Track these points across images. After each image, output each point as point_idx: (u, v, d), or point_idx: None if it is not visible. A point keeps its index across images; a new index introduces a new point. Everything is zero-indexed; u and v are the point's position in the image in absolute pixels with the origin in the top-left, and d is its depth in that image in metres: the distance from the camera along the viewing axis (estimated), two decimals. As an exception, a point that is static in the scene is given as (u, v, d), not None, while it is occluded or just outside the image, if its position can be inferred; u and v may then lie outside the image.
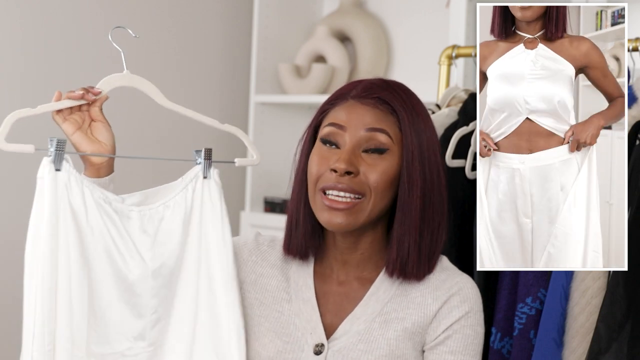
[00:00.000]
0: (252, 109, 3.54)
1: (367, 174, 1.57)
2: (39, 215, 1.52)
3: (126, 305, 1.58)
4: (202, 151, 1.65)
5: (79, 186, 1.54)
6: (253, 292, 1.68)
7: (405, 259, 1.60)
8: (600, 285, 1.78)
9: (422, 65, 3.31)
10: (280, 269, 1.69)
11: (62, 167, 1.53)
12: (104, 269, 1.57)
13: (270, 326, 1.65)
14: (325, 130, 1.61)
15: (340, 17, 3.55)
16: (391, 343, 1.60)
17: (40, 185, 1.52)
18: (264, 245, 1.72)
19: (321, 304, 1.65)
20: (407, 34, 3.51)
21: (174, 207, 1.62)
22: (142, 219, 1.60)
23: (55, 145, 1.52)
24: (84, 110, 1.63)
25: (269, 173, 3.54)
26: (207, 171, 1.65)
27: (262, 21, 3.53)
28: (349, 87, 1.64)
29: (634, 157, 1.76)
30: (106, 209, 1.57)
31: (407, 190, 1.58)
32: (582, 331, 1.78)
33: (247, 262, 1.70)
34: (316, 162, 1.60)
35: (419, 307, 1.61)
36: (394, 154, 1.59)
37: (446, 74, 2.42)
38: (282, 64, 3.52)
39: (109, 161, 1.63)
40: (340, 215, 1.57)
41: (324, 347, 1.61)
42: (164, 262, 1.61)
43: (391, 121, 1.59)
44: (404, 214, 1.59)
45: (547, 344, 1.81)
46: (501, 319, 1.92)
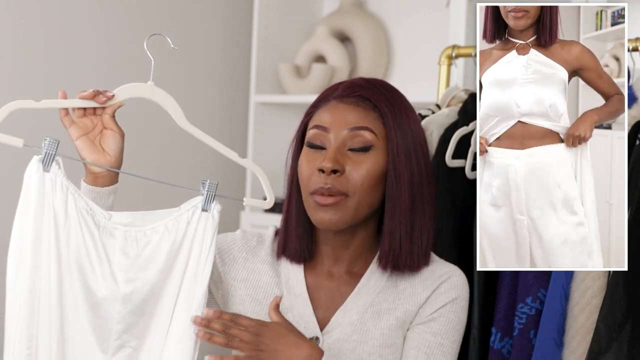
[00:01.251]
0: (252, 109, 3.54)
1: (353, 172, 1.59)
2: (24, 215, 1.48)
3: (89, 325, 1.52)
4: (207, 182, 1.58)
5: (64, 192, 1.50)
6: (245, 289, 1.69)
7: (397, 251, 1.62)
8: (600, 285, 1.78)
9: (422, 65, 3.30)
10: (270, 265, 1.70)
11: (50, 169, 1.49)
12: (72, 282, 1.51)
13: None
14: (310, 134, 1.63)
15: (340, 17, 3.55)
16: (384, 333, 1.63)
17: (27, 183, 1.48)
18: (252, 242, 1.73)
19: (313, 298, 1.67)
20: (407, 34, 3.51)
21: (162, 233, 1.55)
22: (126, 239, 1.53)
23: (47, 144, 1.49)
24: (98, 114, 1.59)
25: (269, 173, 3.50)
26: (208, 204, 1.57)
27: (262, 21, 3.53)
28: (332, 89, 1.66)
29: (634, 157, 1.76)
30: (87, 221, 1.52)
31: (394, 184, 1.60)
32: (582, 331, 1.78)
33: (238, 259, 1.70)
34: (305, 166, 1.62)
35: (409, 297, 1.65)
36: (379, 150, 1.60)
37: (446, 74, 2.42)
38: (282, 64, 3.52)
39: (110, 172, 1.59)
40: (329, 212, 1.58)
41: (319, 340, 1.63)
42: (138, 288, 1.53)
43: (374, 117, 1.61)
44: (394, 207, 1.61)
45: (547, 344, 1.81)
46: (501, 319, 1.92)
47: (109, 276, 1.53)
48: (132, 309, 1.54)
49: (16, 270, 1.48)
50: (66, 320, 1.51)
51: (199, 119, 3.44)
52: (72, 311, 1.51)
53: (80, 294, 1.51)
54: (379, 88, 1.63)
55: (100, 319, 1.53)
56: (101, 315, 1.53)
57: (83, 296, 1.52)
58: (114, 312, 1.53)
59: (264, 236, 1.74)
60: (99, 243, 1.52)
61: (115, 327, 1.53)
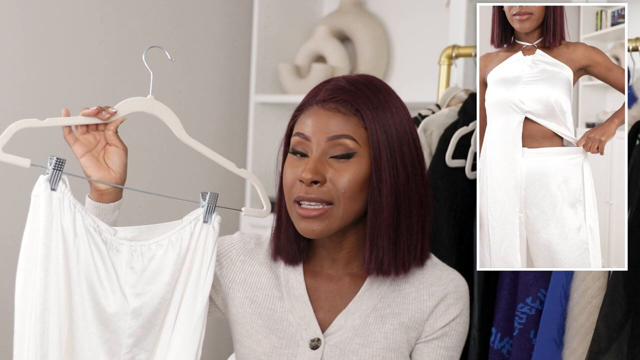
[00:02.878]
0: (252, 108, 3.54)
1: (335, 180, 1.57)
2: (33, 234, 1.48)
3: (99, 340, 1.53)
4: (207, 194, 1.61)
5: (72, 210, 1.50)
6: (243, 291, 1.68)
7: (380, 258, 1.61)
8: (600, 285, 1.78)
9: (422, 65, 3.31)
10: (269, 267, 1.69)
11: (57, 187, 1.49)
12: (82, 298, 1.52)
13: (263, 323, 1.65)
14: (293, 141, 1.62)
15: (340, 17, 3.55)
16: (388, 337, 1.62)
17: (35, 203, 1.48)
18: (250, 244, 1.72)
19: (313, 300, 1.66)
20: (407, 34, 3.50)
21: (167, 247, 1.57)
22: (131, 254, 1.55)
23: (53, 163, 1.49)
24: (100, 130, 1.59)
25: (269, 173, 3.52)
26: (208, 216, 1.61)
27: (262, 21, 3.53)
28: (316, 91, 1.65)
29: (634, 157, 1.76)
30: (95, 238, 1.52)
31: (377, 190, 1.58)
32: (582, 331, 1.78)
33: (236, 262, 1.70)
34: (288, 174, 1.61)
35: (414, 302, 1.64)
36: (362, 155, 1.59)
37: (446, 74, 2.42)
38: (282, 64, 3.52)
39: (115, 188, 1.60)
40: (314, 223, 1.58)
41: (321, 341, 1.62)
42: (147, 301, 1.55)
43: (355, 123, 1.59)
44: (375, 214, 1.59)
45: (547, 344, 1.81)
46: (501, 319, 1.92)
47: (118, 291, 1.54)
48: (142, 322, 1.56)
49: (25, 289, 1.48)
50: (76, 336, 1.52)
51: (199, 120, 3.49)
52: (83, 327, 1.52)
53: (90, 310, 1.52)
54: (361, 89, 1.61)
55: (111, 334, 1.54)
56: (111, 329, 1.54)
57: (93, 312, 1.53)
58: (125, 326, 1.55)
59: (262, 238, 1.74)
60: (107, 259, 1.53)
61: (125, 342, 1.55)
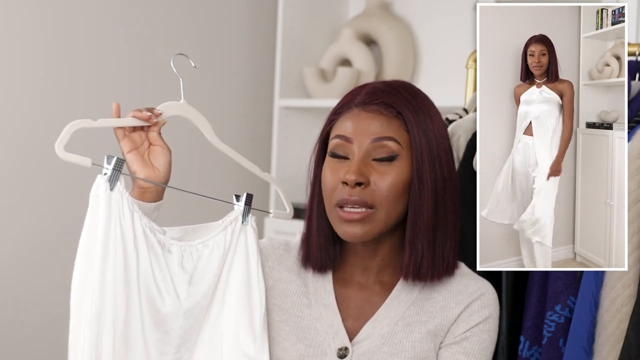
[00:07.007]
0: (277, 113, 3.53)
1: (378, 183, 1.57)
2: (91, 235, 1.49)
3: (152, 340, 1.55)
4: (243, 196, 1.65)
5: (130, 210, 1.52)
6: (271, 298, 1.67)
7: (419, 261, 1.60)
8: (631, 292, 1.77)
9: (449, 69, 3.29)
10: (297, 274, 1.69)
11: (115, 188, 1.51)
12: (140, 299, 1.53)
13: (290, 330, 1.65)
14: (333, 143, 1.61)
15: (365, 19, 3.53)
16: (416, 346, 1.61)
17: (94, 203, 1.50)
18: (279, 250, 1.72)
19: (342, 309, 1.65)
20: (434, 37, 3.49)
21: (212, 247, 1.60)
22: (181, 254, 1.57)
23: (114, 163, 1.50)
24: (145, 131, 1.60)
25: (293, 178, 3.52)
26: (245, 217, 1.64)
27: (286, 24, 3.52)
28: (353, 95, 1.63)
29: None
30: (150, 239, 1.54)
31: (417, 193, 1.58)
32: (612, 339, 1.77)
33: (264, 268, 1.69)
34: (328, 177, 1.61)
35: (441, 310, 1.63)
36: (404, 158, 1.59)
37: (473, 78, 2.40)
38: (307, 68, 3.51)
39: (157, 188, 1.60)
40: (357, 226, 1.57)
41: (349, 350, 1.62)
42: (198, 302, 1.58)
43: (397, 125, 1.59)
44: (416, 217, 1.59)
45: (577, 353, 1.80)
46: (530, 327, 1.91)
47: (173, 292, 1.56)
48: (192, 323, 1.58)
49: (81, 290, 1.49)
50: (131, 336, 1.53)
51: (224, 124, 3.48)
52: (139, 329, 1.53)
53: (147, 311, 1.54)
54: (401, 92, 1.61)
55: (162, 334, 1.56)
56: (163, 330, 1.56)
57: (149, 313, 1.54)
58: (177, 327, 1.57)
59: (290, 244, 1.73)
60: (162, 259, 1.55)
61: (175, 342, 1.57)
